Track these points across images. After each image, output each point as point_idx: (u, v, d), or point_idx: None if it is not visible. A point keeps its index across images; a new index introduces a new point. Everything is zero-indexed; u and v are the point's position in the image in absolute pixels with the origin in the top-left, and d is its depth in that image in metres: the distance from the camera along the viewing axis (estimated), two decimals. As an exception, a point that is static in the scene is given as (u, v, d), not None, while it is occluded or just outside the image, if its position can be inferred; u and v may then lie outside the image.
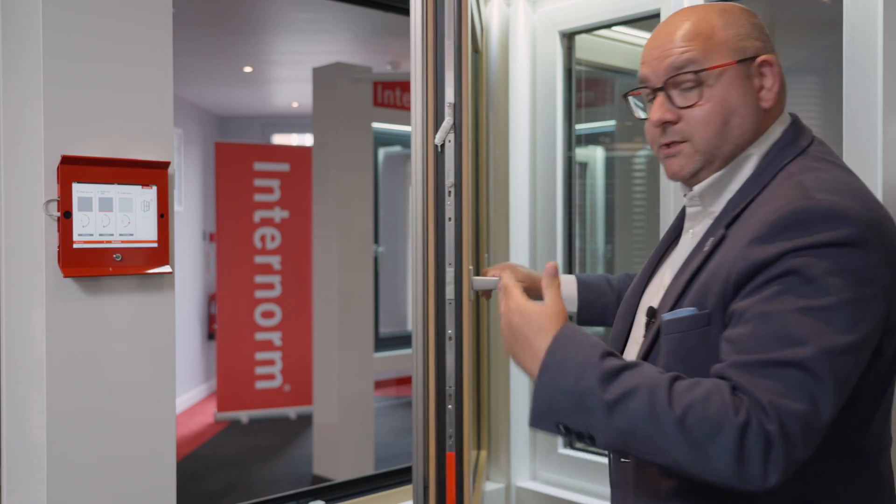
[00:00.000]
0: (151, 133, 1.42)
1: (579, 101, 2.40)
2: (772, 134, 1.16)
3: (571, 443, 2.35)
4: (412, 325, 1.64)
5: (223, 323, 6.00)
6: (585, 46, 2.40)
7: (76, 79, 1.33)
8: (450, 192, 1.61)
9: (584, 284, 1.67)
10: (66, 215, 1.31)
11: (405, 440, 5.21)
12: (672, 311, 1.09)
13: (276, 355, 6.11)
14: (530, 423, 1.04)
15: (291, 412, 6.17)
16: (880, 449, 1.11)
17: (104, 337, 1.37)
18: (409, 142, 1.62)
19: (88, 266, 1.33)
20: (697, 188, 1.17)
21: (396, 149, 6.58)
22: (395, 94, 5.26)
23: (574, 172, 2.37)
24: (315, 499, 2.13)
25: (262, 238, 6.02)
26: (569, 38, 2.34)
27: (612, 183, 3.10)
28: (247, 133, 7.56)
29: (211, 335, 6.88)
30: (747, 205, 1.10)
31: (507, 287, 1.14)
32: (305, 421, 5.92)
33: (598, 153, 3.10)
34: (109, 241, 1.36)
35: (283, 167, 6.08)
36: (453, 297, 1.62)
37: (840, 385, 0.94)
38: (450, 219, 1.61)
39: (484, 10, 2.36)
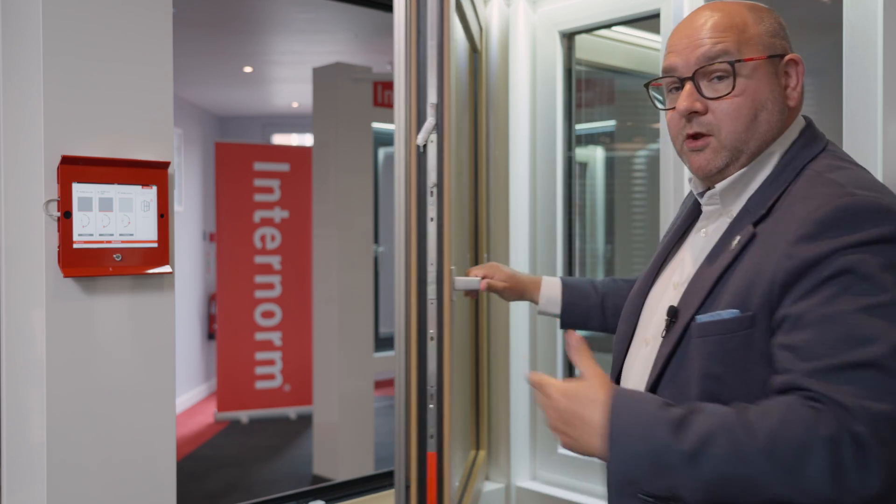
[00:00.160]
0: (151, 133, 1.42)
1: (579, 101, 2.40)
2: (791, 133, 1.16)
3: (571, 443, 2.35)
4: (395, 324, 1.63)
5: (223, 323, 6.00)
6: (585, 46, 2.40)
7: (76, 79, 1.33)
8: (432, 192, 1.61)
9: (568, 287, 1.66)
10: (66, 215, 1.31)
11: (405, 440, 5.20)
12: (701, 310, 1.07)
13: (276, 355, 6.11)
14: (616, 500, 0.99)
15: (291, 412, 6.17)
16: None
17: (104, 337, 1.37)
18: (410, 142, 1.62)
19: (88, 266, 1.33)
20: (720, 186, 1.15)
21: (396, 149, 6.56)
22: (395, 94, 5.25)
23: (574, 172, 2.37)
24: (315, 499, 2.13)
25: (262, 238, 6.02)
26: (569, 38, 2.34)
27: (612, 183, 3.10)
28: (247, 133, 7.56)
29: (211, 335, 6.88)
30: (775, 203, 1.09)
31: (539, 380, 1.06)
32: (305, 421, 5.92)
33: (598, 153, 3.10)
34: (109, 241, 1.36)
35: (283, 167, 6.08)
36: (435, 297, 1.62)
37: None
38: (432, 219, 1.61)
39: (484, 10, 2.36)
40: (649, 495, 0.97)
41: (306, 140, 7.77)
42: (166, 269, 1.43)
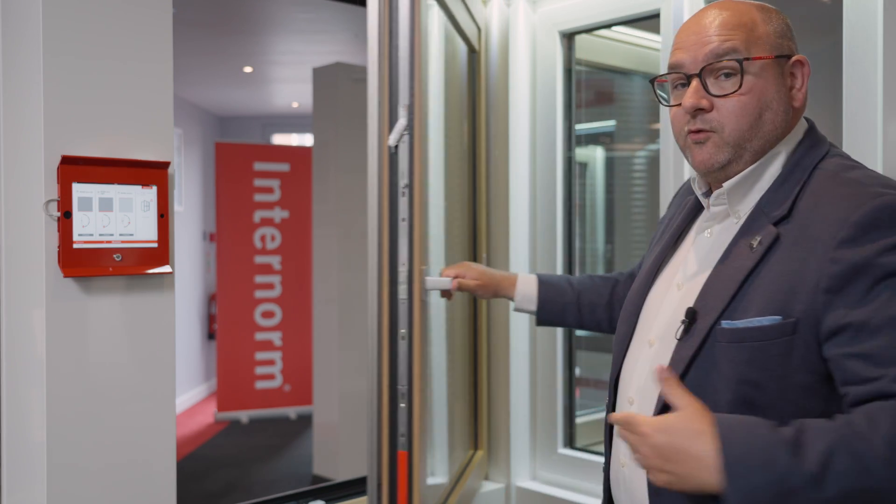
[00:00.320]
0: (151, 133, 1.42)
1: (579, 101, 2.40)
2: (796, 134, 1.16)
3: (571, 442, 2.35)
4: (367, 324, 1.64)
5: (223, 323, 6.00)
6: (585, 46, 2.40)
7: (76, 79, 1.33)
8: (403, 192, 1.62)
9: (544, 284, 1.65)
10: (66, 215, 1.31)
11: (405, 440, 5.20)
12: (725, 314, 1.06)
13: (276, 355, 6.12)
14: None
15: (291, 412, 6.17)
16: None
17: (104, 337, 1.37)
18: (410, 142, 1.63)
19: (88, 266, 1.33)
20: (728, 184, 1.14)
21: (396, 149, 6.57)
22: (395, 94, 5.26)
23: (574, 172, 2.37)
24: (315, 499, 2.13)
25: (262, 238, 6.02)
26: (569, 38, 2.34)
27: (612, 183, 3.11)
28: (247, 133, 7.57)
29: (211, 335, 6.88)
30: (793, 203, 1.08)
31: (627, 418, 1.00)
32: (305, 421, 5.92)
33: (598, 153, 3.10)
34: (109, 241, 1.36)
35: (283, 167, 6.08)
36: (406, 297, 1.62)
37: None
38: (403, 219, 1.62)
39: (483, 10, 2.36)
40: None
41: (306, 140, 7.77)
42: (166, 269, 1.43)
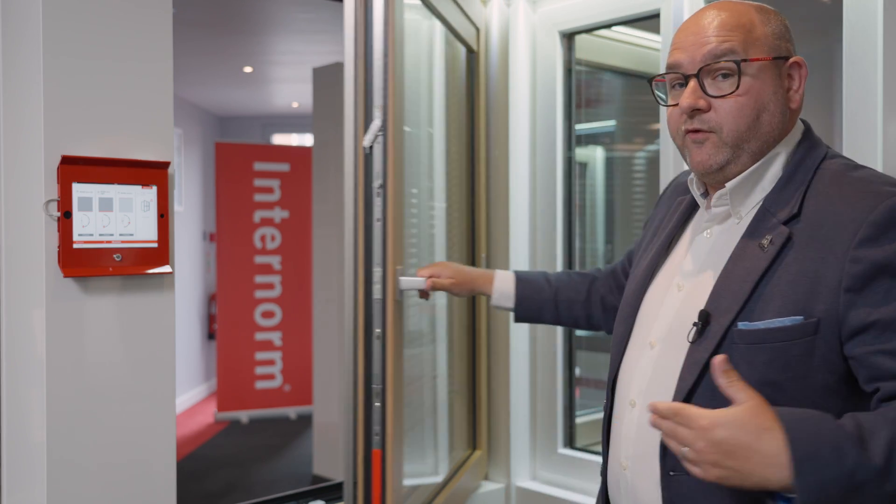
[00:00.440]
0: (151, 133, 1.42)
1: (579, 101, 2.40)
2: (794, 135, 1.17)
3: (571, 442, 2.35)
4: (344, 323, 1.64)
5: (223, 323, 6.00)
6: (585, 46, 2.40)
7: (76, 79, 1.33)
8: (378, 193, 1.61)
9: (521, 281, 1.65)
10: (66, 215, 1.31)
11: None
12: (741, 315, 1.06)
13: (276, 355, 6.11)
14: None
15: (291, 412, 6.17)
16: None
17: (104, 337, 1.37)
18: (410, 142, 1.63)
19: (88, 266, 1.33)
20: (730, 185, 1.14)
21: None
22: (395, 94, 5.25)
23: (574, 172, 2.37)
24: (315, 499, 2.13)
25: (262, 238, 6.02)
26: (569, 38, 2.34)
27: (612, 183, 3.10)
28: (247, 133, 7.56)
29: (211, 335, 6.88)
30: (801, 203, 1.08)
31: (677, 409, 0.96)
32: (305, 421, 5.92)
33: (598, 153, 3.10)
34: (109, 241, 1.36)
35: (283, 167, 6.08)
36: (381, 297, 1.62)
37: None
38: (378, 219, 1.62)
39: (482, 10, 2.37)
40: None
41: (306, 140, 7.77)
42: (166, 269, 1.43)
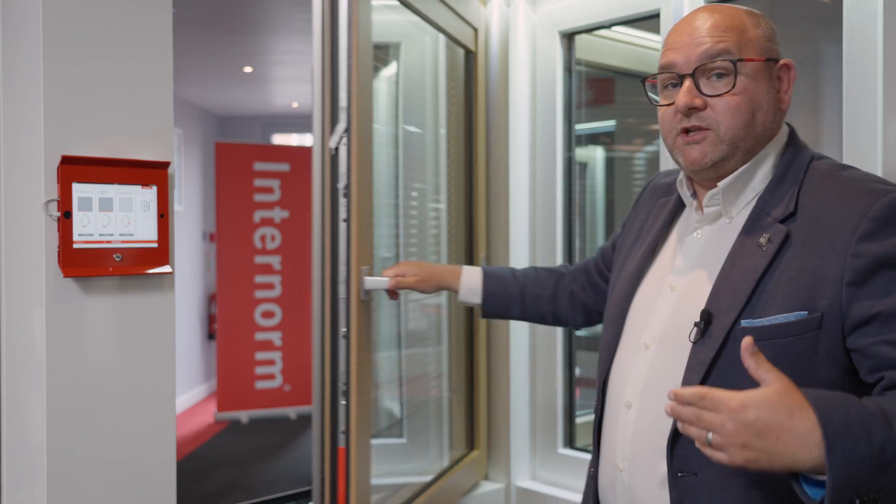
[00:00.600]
0: (151, 133, 1.42)
1: (579, 101, 2.40)
2: (782, 136, 1.19)
3: (571, 442, 2.35)
4: (313, 322, 1.66)
5: (223, 323, 6.00)
6: (585, 46, 2.40)
7: (76, 79, 1.33)
8: (344, 193, 1.63)
9: (488, 276, 1.66)
10: (66, 215, 1.31)
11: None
12: (745, 313, 1.07)
13: (276, 355, 6.11)
14: None
15: (291, 412, 6.17)
16: None
17: (104, 337, 1.37)
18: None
19: (88, 266, 1.33)
20: (723, 184, 1.16)
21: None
22: (395, 94, 5.25)
23: (574, 172, 2.37)
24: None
25: (262, 238, 6.02)
26: (569, 38, 2.34)
27: (612, 183, 3.11)
28: (247, 133, 7.56)
29: (211, 335, 6.87)
30: (797, 202, 1.10)
31: (704, 392, 0.94)
32: (305, 421, 5.92)
33: (598, 153, 3.10)
34: (109, 241, 1.36)
35: (283, 167, 6.08)
36: (345, 296, 1.63)
37: None
38: (344, 220, 1.63)
39: (483, 10, 2.37)
40: (860, 500, 0.90)
41: (306, 140, 7.77)
42: (166, 269, 1.43)
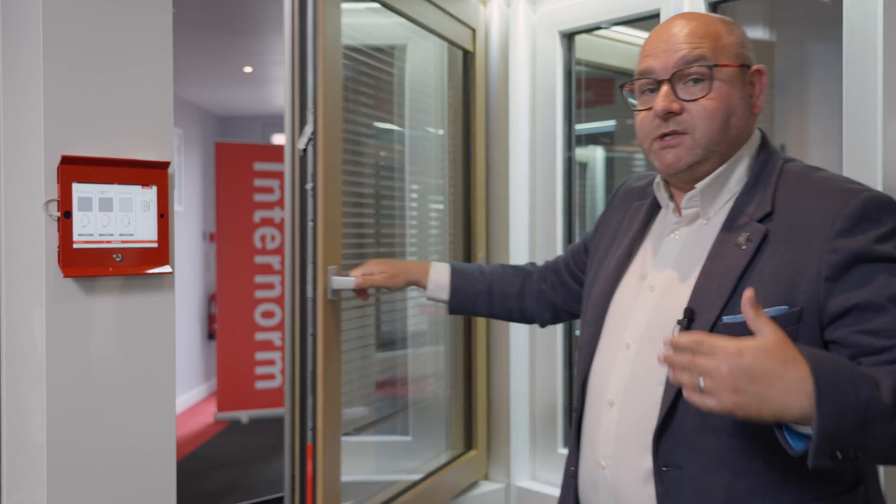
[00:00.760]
0: (151, 133, 1.42)
1: (579, 101, 2.40)
2: (755, 140, 1.23)
3: (571, 443, 2.36)
4: (285, 322, 1.69)
5: (223, 323, 6.00)
6: (585, 46, 2.40)
7: (76, 79, 1.33)
8: (312, 194, 1.65)
9: (456, 272, 1.68)
10: (66, 215, 1.31)
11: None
12: (727, 309, 1.10)
13: (276, 355, 6.11)
14: (813, 463, 0.94)
15: (291, 412, 6.16)
16: None
17: (104, 337, 1.37)
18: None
19: (88, 266, 1.33)
20: (700, 185, 1.19)
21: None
22: (395, 94, 5.25)
23: (574, 172, 2.37)
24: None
25: (262, 238, 6.02)
26: (569, 38, 2.34)
27: (612, 183, 3.10)
28: (247, 133, 7.56)
29: (211, 335, 6.87)
30: (773, 202, 1.14)
31: (700, 338, 0.97)
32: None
33: (598, 153, 3.10)
34: (109, 241, 1.36)
35: (284, 167, 6.06)
36: (311, 296, 1.66)
37: None
38: (312, 220, 1.65)
39: (483, 10, 2.37)
40: (841, 455, 0.93)
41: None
42: (166, 269, 1.43)
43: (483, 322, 2.37)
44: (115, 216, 1.36)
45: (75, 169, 1.32)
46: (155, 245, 1.41)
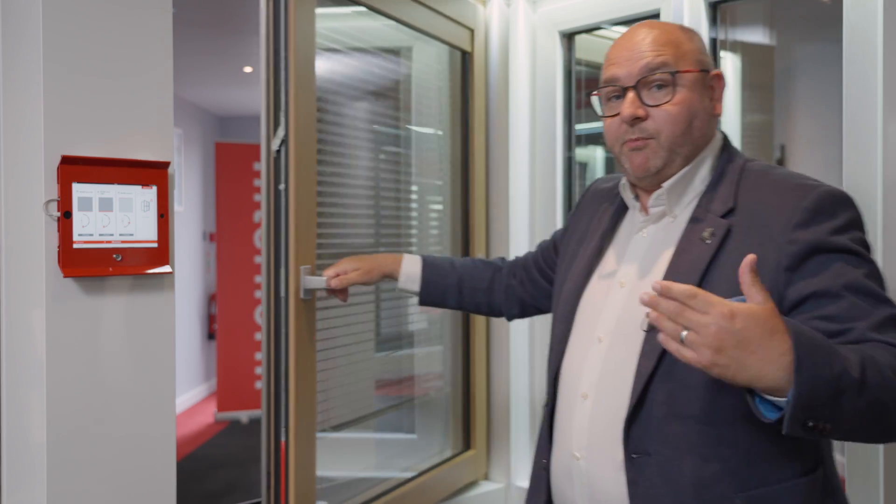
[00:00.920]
0: (151, 133, 1.42)
1: (579, 101, 2.40)
2: (717, 141, 1.29)
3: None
4: (263, 321, 1.73)
5: (223, 323, 6.00)
6: (585, 46, 2.40)
7: (76, 79, 1.33)
8: (285, 195, 1.69)
9: (428, 265, 1.72)
10: (66, 215, 1.31)
11: (405, 440, 5.20)
12: None
13: (276, 355, 6.11)
14: (788, 430, 0.95)
15: (291, 412, 6.17)
16: None
17: (104, 337, 1.37)
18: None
19: (88, 266, 1.33)
20: (667, 184, 1.25)
21: (396, 149, 6.58)
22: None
23: (574, 172, 2.37)
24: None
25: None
26: (569, 38, 2.34)
27: (612, 183, 3.10)
28: (247, 133, 7.56)
29: (211, 335, 6.87)
30: (735, 199, 1.20)
31: (696, 292, 0.96)
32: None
33: (597, 153, 3.10)
34: (109, 241, 1.36)
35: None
36: (284, 295, 1.71)
37: None
38: (285, 220, 1.69)
39: (482, 10, 2.37)
40: (812, 426, 0.95)
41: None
42: (166, 269, 1.43)
43: (483, 322, 2.37)
44: (115, 216, 1.36)
45: (75, 169, 1.32)
46: (155, 245, 1.41)
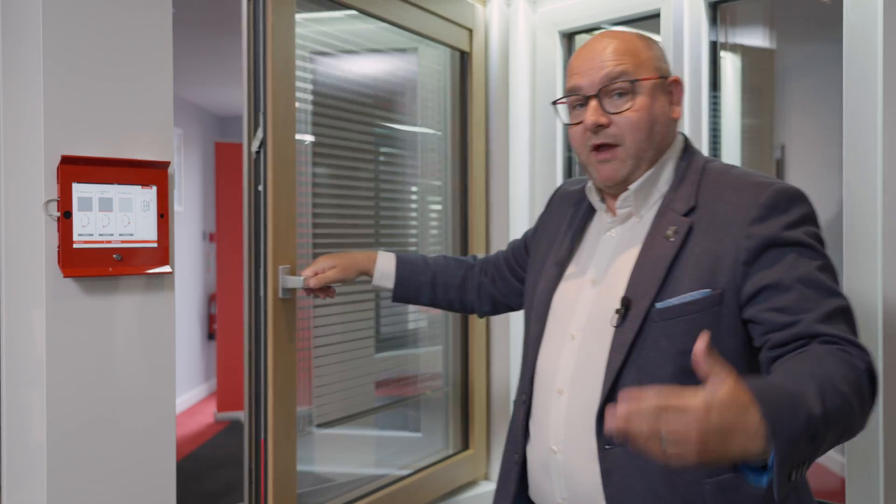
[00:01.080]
0: (151, 133, 1.42)
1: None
2: (678, 144, 1.34)
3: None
4: (244, 320, 1.75)
5: (223, 323, 6.00)
6: (585, 46, 2.40)
7: (76, 79, 1.33)
8: (263, 195, 1.71)
9: (402, 262, 1.74)
10: (66, 215, 1.31)
11: (405, 440, 5.20)
12: (659, 296, 1.19)
13: (276, 355, 6.11)
14: (779, 495, 0.95)
15: (291, 412, 6.17)
16: None
17: (104, 337, 1.37)
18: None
19: (88, 266, 1.33)
20: (633, 187, 1.29)
21: (396, 149, 6.58)
22: (395, 94, 5.25)
23: (574, 172, 2.38)
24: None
25: (262, 238, 6.02)
26: (569, 38, 2.34)
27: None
28: (247, 133, 7.55)
29: (211, 335, 6.88)
30: (696, 198, 1.24)
31: (665, 406, 0.93)
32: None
33: (598, 153, 3.10)
34: (109, 241, 1.36)
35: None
36: (262, 295, 1.73)
37: None
38: (264, 220, 1.71)
39: (482, 10, 2.37)
40: (796, 471, 0.97)
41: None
42: (166, 269, 1.43)
43: (482, 322, 2.37)
44: (114, 216, 1.37)
45: (75, 169, 1.32)
46: (155, 245, 1.41)
